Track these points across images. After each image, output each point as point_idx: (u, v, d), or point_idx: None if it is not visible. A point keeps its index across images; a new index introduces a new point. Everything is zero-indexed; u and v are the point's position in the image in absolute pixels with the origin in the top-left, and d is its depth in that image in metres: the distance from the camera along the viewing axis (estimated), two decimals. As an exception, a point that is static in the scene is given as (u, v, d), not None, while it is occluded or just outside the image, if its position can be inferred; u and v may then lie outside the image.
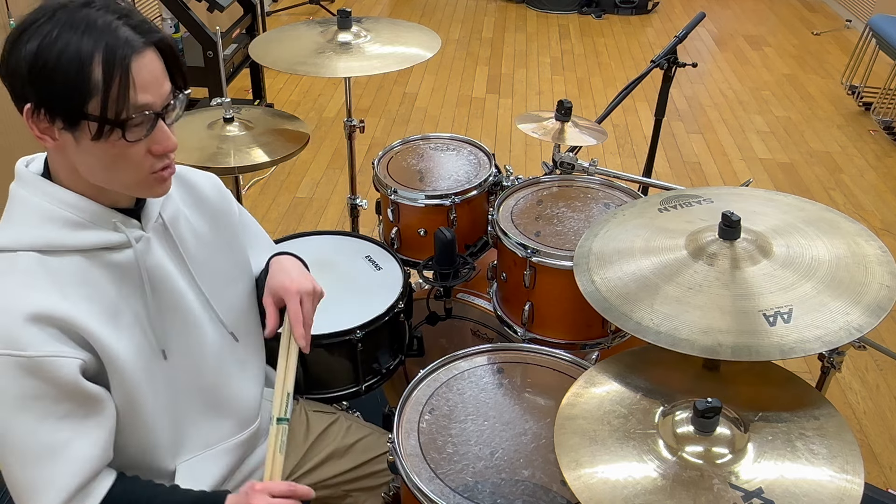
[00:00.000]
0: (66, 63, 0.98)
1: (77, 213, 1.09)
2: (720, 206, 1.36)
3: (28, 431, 1.04)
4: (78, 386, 1.05)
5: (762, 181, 3.84)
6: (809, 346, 1.14)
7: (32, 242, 1.06)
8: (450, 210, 1.96)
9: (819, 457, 1.11)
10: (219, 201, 1.34)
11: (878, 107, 4.49)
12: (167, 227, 1.20)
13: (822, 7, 6.33)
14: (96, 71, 0.99)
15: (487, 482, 1.26)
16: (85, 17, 1.00)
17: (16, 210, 1.10)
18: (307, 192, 3.70)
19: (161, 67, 1.05)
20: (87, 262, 1.09)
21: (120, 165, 1.05)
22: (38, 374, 1.02)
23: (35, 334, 1.02)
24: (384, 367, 1.75)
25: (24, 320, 1.01)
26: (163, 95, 1.06)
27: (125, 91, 1.00)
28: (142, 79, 1.02)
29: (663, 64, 2.42)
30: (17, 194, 1.10)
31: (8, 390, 1.02)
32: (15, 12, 2.90)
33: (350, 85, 2.34)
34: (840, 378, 2.66)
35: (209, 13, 3.86)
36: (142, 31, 1.03)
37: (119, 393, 1.12)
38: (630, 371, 1.29)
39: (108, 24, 1.00)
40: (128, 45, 1.00)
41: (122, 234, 1.12)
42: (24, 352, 1.01)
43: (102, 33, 0.99)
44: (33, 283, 1.04)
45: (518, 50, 5.44)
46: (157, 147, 1.07)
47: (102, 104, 1.00)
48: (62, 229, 1.08)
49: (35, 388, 1.02)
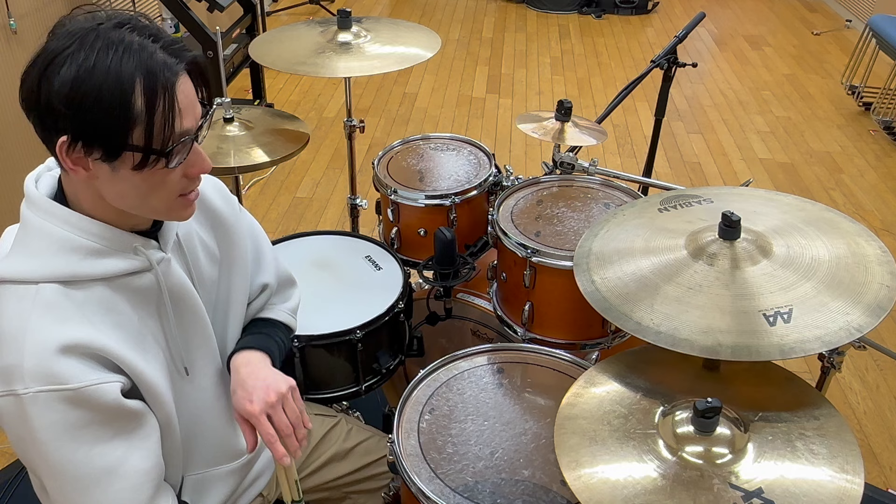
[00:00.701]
0: (107, 92, 0.93)
1: (98, 241, 1.04)
2: (720, 206, 1.36)
3: (83, 459, 1.02)
4: (122, 407, 1.04)
5: (762, 181, 3.84)
6: (809, 346, 1.14)
7: (54, 273, 1.02)
8: (450, 210, 1.96)
9: (819, 457, 1.11)
10: (229, 213, 1.29)
11: (878, 107, 4.49)
12: (182, 244, 1.18)
13: (822, 7, 6.33)
14: (139, 100, 0.94)
15: (487, 482, 1.26)
16: (121, 40, 0.94)
17: (33, 238, 1.04)
18: (307, 192, 3.70)
19: (193, 89, 1.01)
20: (110, 290, 1.06)
21: (156, 192, 1.02)
22: (83, 403, 1.00)
23: (73, 366, 0.99)
24: (384, 367, 1.75)
25: (59, 354, 0.99)
26: (197, 117, 1.02)
27: (171, 119, 0.97)
28: (182, 104, 0.98)
29: (663, 64, 2.42)
30: (33, 221, 1.04)
31: (58, 423, 1.00)
32: (15, 12, 2.90)
33: (350, 85, 2.34)
34: (840, 378, 2.66)
35: (209, 13, 3.86)
36: (176, 53, 0.98)
37: (155, 412, 1.11)
38: (630, 371, 1.29)
39: (144, 48, 0.95)
40: (168, 69, 0.96)
41: (143, 257, 1.08)
42: (66, 385, 0.98)
43: (140, 57, 0.94)
44: (61, 316, 1.01)
45: (518, 50, 5.44)
46: (193, 170, 1.04)
47: (147, 134, 0.96)
48: (85, 259, 1.03)
49: (83, 418, 1.01)
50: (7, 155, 2.98)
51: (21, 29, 2.96)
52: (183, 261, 1.18)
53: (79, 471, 1.02)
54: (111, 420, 1.03)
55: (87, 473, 1.03)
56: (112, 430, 1.04)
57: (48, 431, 0.99)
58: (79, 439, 1.01)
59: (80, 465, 1.02)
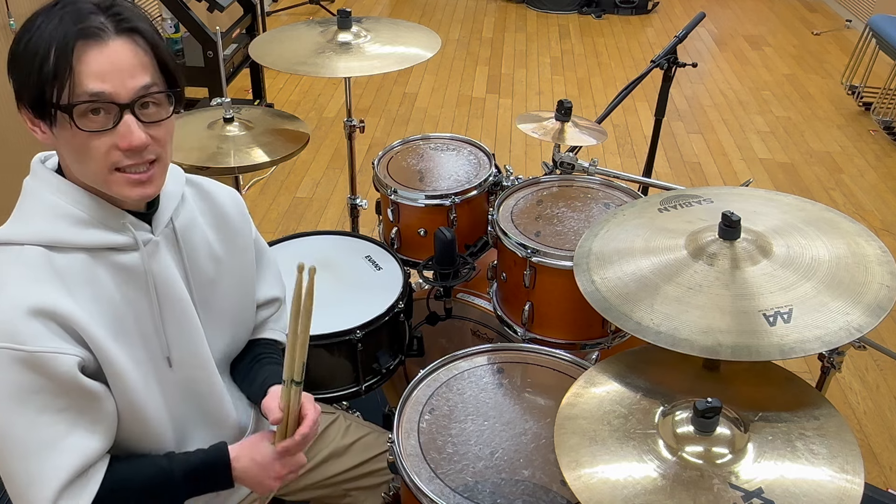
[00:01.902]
0: (32, 49, 1.00)
1: (86, 211, 1.08)
2: (720, 206, 1.36)
3: (25, 425, 1.04)
4: (76, 382, 1.05)
5: (762, 181, 3.84)
6: (809, 346, 1.14)
7: (40, 237, 1.06)
8: (450, 210, 1.96)
9: (819, 457, 1.11)
10: (238, 220, 1.31)
11: (878, 107, 4.49)
12: (177, 234, 1.19)
13: (822, 7, 6.33)
14: (52, 56, 0.99)
15: (487, 482, 1.26)
16: (64, 6, 1.02)
17: (27, 204, 1.10)
18: (307, 192, 3.70)
19: (133, 59, 1.03)
20: (93, 262, 1.09)
21: (84, 158, 1.05)
22: (37, 368, 1.02)
23: (36, 329, 1.01)
24: (384, 367, 1.75)
25: (27, 314, 1.01)
26: (130, 88, 1.03)
27: (70, 75, 0.99)
28: (98, 65, 1.00)
29: (663, 64, 2.41)
30: (30, 188, 1.11)
31: (5, 383, 1.02)
32: (15, 12, 2.90)
33: (350, 85, 2.34)
34: (840, 378, 2.66)
35: (209, 13, 3.86)
36: (116, 19, 1.02)
37: (119, 396, 1.12)
38: (630, 371, 1.29)
39: (81, 12, 1.01)
40: (84, 32, 1.00)
41: (130, 235, 1.11)
42: (23, 346, 1.01)
43: (73, 21, 1.00)
44: (38, 277, 1.04)
45: (518, 50, 5.44)
46: (122, 143, 1.04)
47: (51, 89, 1.00)
48: (70, 226, 1.07)
49: (33, 383, 1.02)
50: (7, 154, 2.98)
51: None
52: (176, 251, 1.19)
53: (19, 436, 1.04)
54: (63, 393, 1.04)
55: (26, 441, 1.04)
56: (62, 403, 1.05)
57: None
58: (25, 404, 1.03)
59: (21, 429, 1.03)
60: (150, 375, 1.16)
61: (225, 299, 1.29)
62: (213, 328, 1.27)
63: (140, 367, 1.14)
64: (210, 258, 1.25)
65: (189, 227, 1.22)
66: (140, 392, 1.13)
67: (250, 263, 1.35)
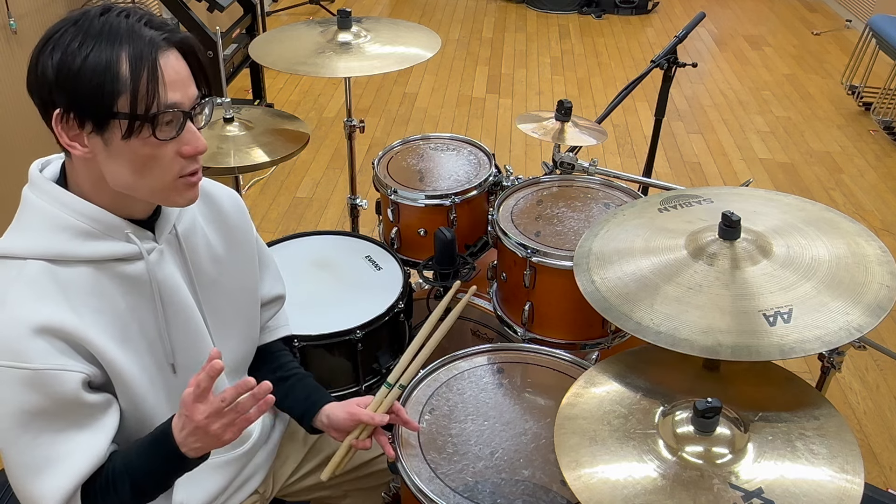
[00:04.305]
0: (92, 64, 0.98)
1: (90, 224, 1.07)
2: (720, 206, 1.36)
3: (26, 444, 1.04)
4: (79, 399, 1.04)
5: (762, 181, 3.84)
6: (809, 346, 1.14)
7: (42, 251, 1.05)
8: (450, 210, 1.96)
9: (819, 457, 1.11)
10: (238, 219, 1.31)
11: (878, 107, 4.49)
12: (180, 239, 1.19)
13: (822, 7, 6.33)
14: (123, 68, 0.99)
15: (487, 482, 1.26)
16: (106, 23, 1.00)
17: (27, 216, 1.08)
18: (307, 192, 3.70)
19: (186, 69, 1.05)
20: (97, 273, 1.08)
21: (150, 167, 1.04)
22: (40, 388, 1.01)
23: (41, 347, 1.01)
24: (384, 367, 1.76)
25: (31, 332, 1.00)
26: (190, 97, 1.05)
27: (154, 86, 1.00)
28: (169, 76, 1.02)
29: (663, 64, 2.42)
30: (30, 200, 1.08)
31: (9, 402, 1.01)
32: (15, 12, 2.90)
33: (350, 85, 2.34)
34: (840, 378, 2.66)
35: (209, 13, 3.86)
36: (164, 31, 1.03)
37: (126, 403, 1.12)
38: (630, 371, 1.29)
39: (130, 27, 1.01)
40: (153, 43, 1.01)
41: (135, 245, 1.10)
42: (28, 364, 1.00)
43: (126, 35, 1.00)
44: (42, 294, 1.03)
45: (518, 50, 5.44)
46: (188, 148, 1.05)
47: (132, 100, 0.99)
48: (73, 239, 1.06)
49: (35, 403, 1.02)
50: (8, 154, 2.98)
51: (21, 29, 2.96)
52: (180, 257, 1.19)
53: (18, 456, 1.04)
54: (65, 412, 1.04)
55: (27, 460, 1.04)
56: (64, 422, 1.05)
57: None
58: (27, 425, 1.02)
59: (21, 450, 1.04)
60: (156, 382, 1.16)
61: (229, 298, 1.29)
62: (221, 329, 1.27)
63: (146, 374, 1.14)
64: (212, 259, 1.25)
65: (190, 229, 1.22)
66: (147, 398, 1.14)
67: (252, 259, 1.34)
